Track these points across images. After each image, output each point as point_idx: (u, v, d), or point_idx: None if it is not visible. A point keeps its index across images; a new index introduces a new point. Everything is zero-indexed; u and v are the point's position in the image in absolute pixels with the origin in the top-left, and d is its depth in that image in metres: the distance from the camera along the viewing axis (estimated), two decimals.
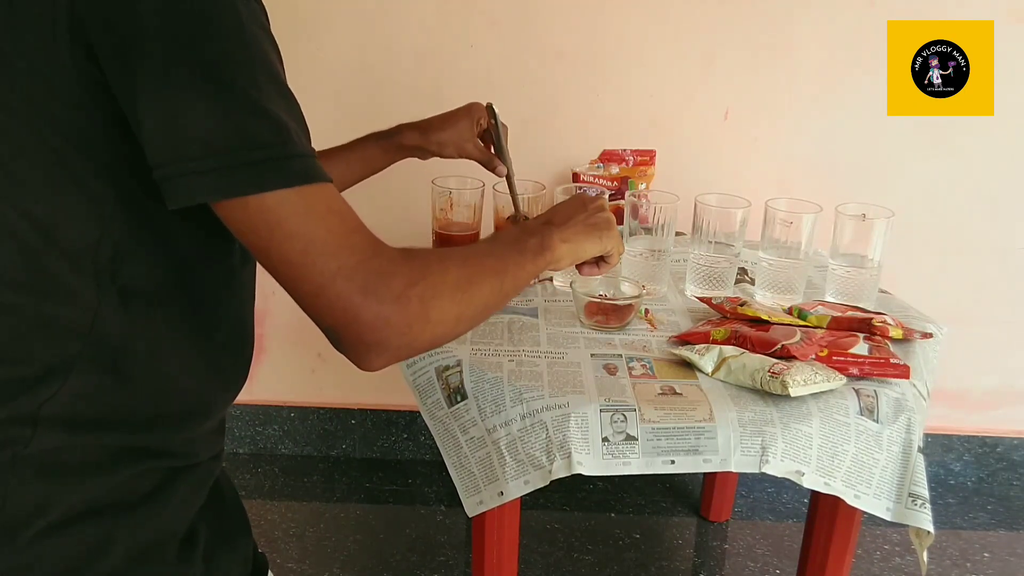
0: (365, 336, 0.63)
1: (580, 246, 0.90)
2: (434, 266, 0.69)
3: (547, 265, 0.85)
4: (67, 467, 0.66)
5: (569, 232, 0.89)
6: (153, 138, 0.59)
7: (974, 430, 1.97)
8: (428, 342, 0.68)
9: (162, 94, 0.58)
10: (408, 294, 0.64)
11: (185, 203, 0.59)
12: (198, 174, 0.59)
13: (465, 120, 1.23)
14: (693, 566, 1.72)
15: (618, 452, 0.98)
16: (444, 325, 0.68)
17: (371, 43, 1.69)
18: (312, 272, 0.61)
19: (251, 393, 1.94)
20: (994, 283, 1.83)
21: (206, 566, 0.73)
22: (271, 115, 0.60)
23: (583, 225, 0.91)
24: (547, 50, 1.69)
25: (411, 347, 0.67)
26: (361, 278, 0.62)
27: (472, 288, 0.72)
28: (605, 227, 0.93)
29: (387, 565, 1.67)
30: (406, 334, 0.65)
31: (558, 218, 0.91)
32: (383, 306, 0.63)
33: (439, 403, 1.06)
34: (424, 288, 0.66)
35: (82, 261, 0.64)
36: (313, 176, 0.62)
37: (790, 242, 1.28)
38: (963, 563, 1.73)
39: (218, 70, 0.59)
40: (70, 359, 0.65)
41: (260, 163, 0.59)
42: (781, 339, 1.08)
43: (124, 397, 0.67)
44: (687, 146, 1.74)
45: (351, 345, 0.64)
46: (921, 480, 1.04)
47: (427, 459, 1.99)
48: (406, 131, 1.22)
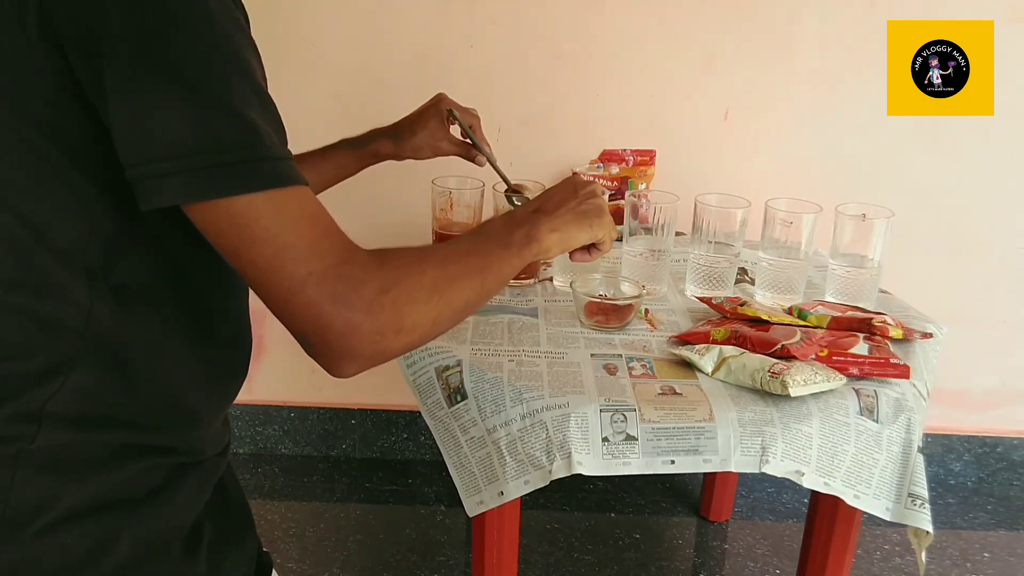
0: (335, 344, 0.62)
1: (569, 235, 0.88)
2: (411, 268, 0.68)
3: (534, 257, 0.83)
4: (72, 463, 0.66)
5: (559, 221, 0.87)
6: (123, 138, 0.58)
7: (974, 430, 1.97)
8: (402, 348, 0.67)
9: (130, 93, 0.57)
10: (381, 300, 0.63)
11: (156, 205, 0.59)
12: (167, 176, 0.58)
13: (435, 119, 1.23)
14: (693, 566, 1.72)
15: (618, 452, 0.98)
16: (419, 330, 0.67)
17: (371, 43, 1.69)
18: (282, 278, 0.60)
19: (251, 393, 1.94)
20: (994, 283, 1.83)
21: (210, 563, 0.73)
22: (241, 116, 0.59)
23: (573, 213, 0.89)
24: (547, 50, 1.69)
25: (383, 354, 0.66)
26: (331, 285, 0.61)
27: (451, 289, 0.71)
28: (596, 214, 0.90)
29: (387, 565, 1.67)
30: (378, 342, 0.64)
31: (548, 205, 0.89)
32: (353, 314, 0.62)
33: (439, 403, 1.06)
34: (398, 294, 0.65)
35: (73, 260, 0.64)
36: (285, 179, 0.61)
37: (790, 242, 1.28)
38: (963, 563, 1.73)
39: (186, 69, 0.58)
40: (71, 356, 0.65)
41: (229, 165, 0.58)
42: (781, 339, 1.08)
43: (127, 395, 0.67)
44: (687, 146, 1.74)
45: (321, 352, 0.64)
46: (921, 480, 1.04)
47: (427, 459, 1.99)
48: (379, 140, 1.22)
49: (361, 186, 1.25)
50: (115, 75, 0.57)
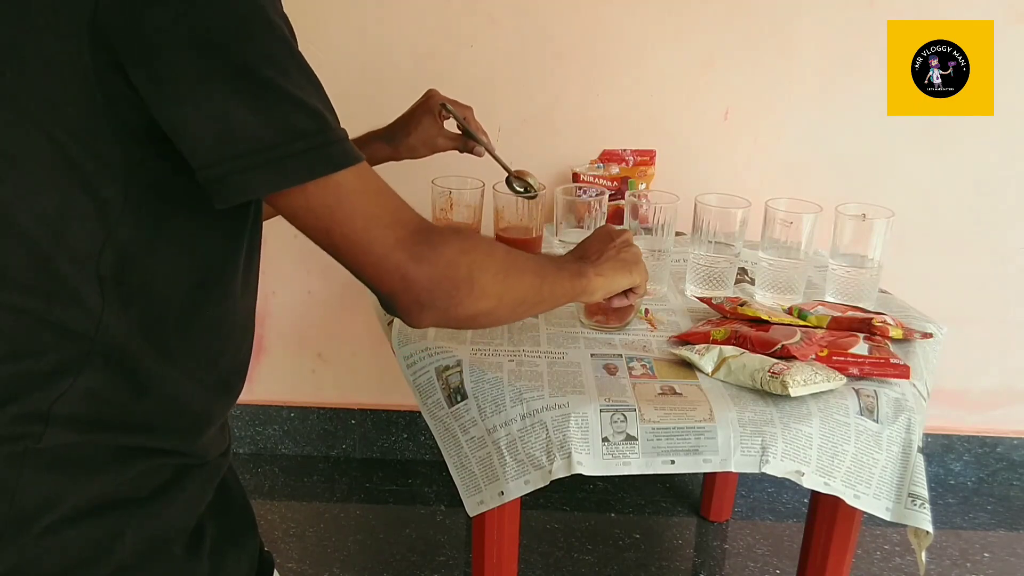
0: (420, 297, 0.69)
1: (613, 280, 0.97)
2: (483, 243, 0.77)
3: (583, 290, 0.92)
4: (77, 462, 0.66)
5: (603, 267, 0.96)
6: (197, 141, 0.61)
7: (974, 430, 1.97)
8: (471, 310, 0.73)
9: (200, 98, 0.60)
10: (458, 260, 0.71)
11: (239, 200, 0.62)
12: (251, 170, 0.61)
13: (427, 116, 1.24)
14: (693, 566, 1.72)
15: (618, 452, 0.98)
16: (487, 299, 0.74)
17: (371, 43, 1.69)
18: (374, 245, 0.67)
19: (251, 393, 1.94)
20: (994, 283, 1.83)
21: (212, 562, 0.73)
22: (307, 104, 0.63)
23: (615, 261, 0.98)
24: (547, 50, 1.69)
25: (456, 309, 0.72)
26: (416, 247, 0.68)
27: (515, 274, 0.79)
28: (634, 261, 1.00)
29: (387, 565, 1.67)
30: (454, 295, 0.71)
31: (590, 254, 0.98)
32: (436, 269, 0.69)
33: (439, 403, 1.06)
34: (473, 258, 0.72)
35: (87, 265, 0.64)
36: (355, 156, 0.66)
37: (790, 242, 1.28)
38: (963, 563, 1.73)
39: (251, 67, 0.61)
40: (81, 359, 0.65)
41: (309, 151, 0.63)
42: (781, 339, 1.08)
43: (135, 399, 0.68)
44: (687, 146, 1.74)
45: (406, 306, 0.70)
46: (921, 480, 1.04)
47: (427, 459, 1.99)
48: (374, 144, 1.23)
49: None
50: (183, 81, 0.59)
